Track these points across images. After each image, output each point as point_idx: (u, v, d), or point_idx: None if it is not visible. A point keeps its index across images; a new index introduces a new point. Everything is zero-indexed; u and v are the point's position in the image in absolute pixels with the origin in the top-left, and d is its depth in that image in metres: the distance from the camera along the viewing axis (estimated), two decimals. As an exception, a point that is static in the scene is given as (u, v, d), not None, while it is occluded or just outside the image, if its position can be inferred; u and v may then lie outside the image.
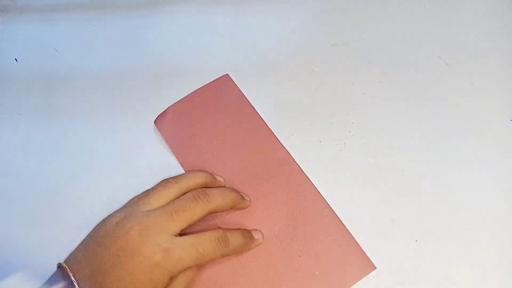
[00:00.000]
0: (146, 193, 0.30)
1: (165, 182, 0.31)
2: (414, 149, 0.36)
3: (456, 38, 0.41)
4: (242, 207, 0.33)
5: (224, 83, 0.39)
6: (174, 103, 0.39)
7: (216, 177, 0.34)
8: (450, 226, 0.33)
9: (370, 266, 0.31)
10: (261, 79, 0.39)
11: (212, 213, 0.30)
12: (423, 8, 0.43)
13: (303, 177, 0.34)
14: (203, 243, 0.28)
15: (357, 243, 0.32)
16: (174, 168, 0.36)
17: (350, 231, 0.33)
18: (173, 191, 0.30)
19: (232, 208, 0.32)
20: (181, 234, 0.29)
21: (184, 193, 0.31)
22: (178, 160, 0.37)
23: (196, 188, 0.31)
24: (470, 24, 0.41)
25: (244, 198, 0.33)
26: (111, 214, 0.31)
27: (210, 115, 0.38)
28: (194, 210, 0.29)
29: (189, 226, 0.29)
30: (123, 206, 0.31)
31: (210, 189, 0.31)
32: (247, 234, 0.32)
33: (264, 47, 0.42)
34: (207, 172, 0.34)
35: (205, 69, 0.41)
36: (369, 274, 0.31)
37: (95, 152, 0.38)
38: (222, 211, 0.32)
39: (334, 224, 0.32)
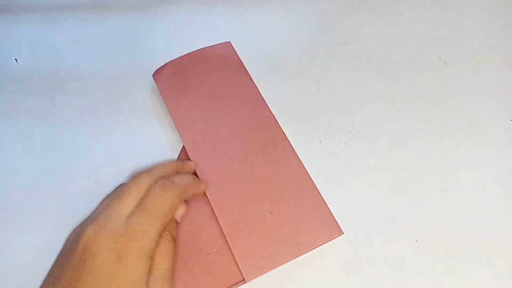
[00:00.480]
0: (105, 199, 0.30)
1: (125, 187, 0.30)
2: (414, 149, 0.36)
3: (456, 38, 0.41)
4: (198, 189, 0.33)
5: (225, 48, 0.41)
6: (174, 59, 0.40)
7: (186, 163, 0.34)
8: (450, 226, 0.33)
9: (337, 231, 0.32)
10: (261, 79, 0.39)
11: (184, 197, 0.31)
12: (423, 8, 0.43)
13: (286, 143, 0.36)
14: (151, 201, 0.27)
15: (328, 208, 0.33)
16: (174, 168, 0.36)
17: (350, 230, 0.33)
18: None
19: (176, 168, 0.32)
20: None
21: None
22: (170, 112, 0.38)
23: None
24: (470, 24, 0.42)
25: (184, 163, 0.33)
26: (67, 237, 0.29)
27: (206, 74, 0.39)
28: (137, 185, 0.28)
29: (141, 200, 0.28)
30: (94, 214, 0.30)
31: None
32: (195, 176, 0.32)
33: (264, 47, 0.42)
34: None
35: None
36: (370, 275, 0.31)
37: (95, 152, 0.38)
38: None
39: (308, 188, 0.34)
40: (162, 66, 0.40)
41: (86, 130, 0.39)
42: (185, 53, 0.41)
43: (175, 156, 0.37)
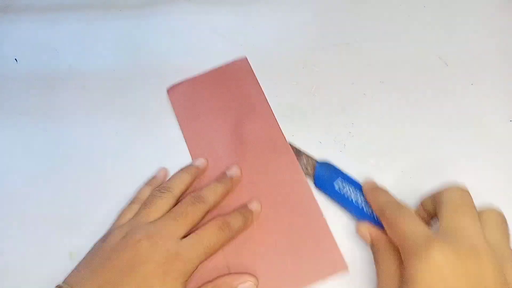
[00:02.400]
0: (144, 206, 0.32)
1: (160, 193, 0.32)
2: (414, 149, 0.36)
3: (456, 38, 0.41)
4: (235, 186, 0.34)
5: (241, 66, 0.40)
6: (191, 78, 0.40)
7: (197, 161, 0.36)
8: (450, 226, 0.33)
9: (342, 266, 0.31)
10: (261, 79, 0.39)
11: (211, 209, 0.32)
12: (423, 8, 0.43)
13: (296, 169, 0.35)
14: (207, 236, 0.30)
15: (334, 240, 0.32)
16: (174, 168, 0.36)
17: (351, 231, 0.33)
18: (170, 201, 0.32)
19: (228, 193, 0.34)
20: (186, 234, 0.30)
21: (178, 198, 0.33)
22: (183, 132, 0.38)
23: (186, 190, 0.34)
24: (470, 24, 0.41)
25: (231, 178, 0.34)
26: (111, 231, 0.31)
27: (222, 95, 0.39)
28: (195, 213, 0.31)
29: (193, 227, 0.31)
30: (118, 223, 0.32)
31: (202, 190, 0.33)
32: (244, 210, 0.33)
33: (264, 47, 0.42)
34: (189, 168, 0.35)
35: (205, 69, 0.41)
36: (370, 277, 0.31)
37: (95, 152, 0.38)
38: (221, 201, 0.33)
39: (315, 219, 0.33)
40: (178, 84, 0.40)
41: (86, 130, 0.39)
42: (184, 53, 0.41)
43: (175, 156, 0.37)
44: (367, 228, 0.30)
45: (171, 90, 0.39)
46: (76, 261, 0.31)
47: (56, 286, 0.28)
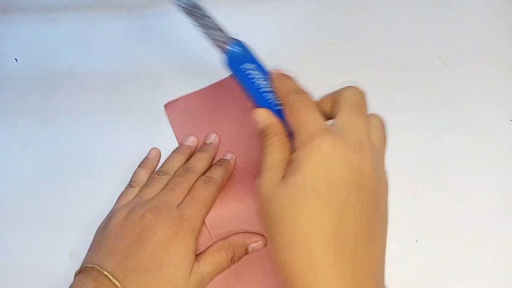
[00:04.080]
0: (146, 187, 0.34)
1: (159, 176, 0.34)
2: (414, 149, 0.36)
3: (456, 38, 0.41)
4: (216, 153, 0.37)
5: None
6: (189, 94, 0.39)
7: (189, 141, 0.37)
8: (450, 226, 0.33)
9: None
10: (261, 79, 0.39)
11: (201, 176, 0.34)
12: (423, 8, 0.43)
13: None
14: (198, 194, 0.32)
15: None
16: (174, 168, 0.36)
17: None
18: (165, 181, 0.34)
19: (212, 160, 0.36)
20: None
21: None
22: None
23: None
24: (470, 24, 0.42)
25: (213, 147, 0.36)
26: (113, 213, 0.32)
27: (220, 111, 0.38)
28: (187, 181, 0.33)
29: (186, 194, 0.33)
30: (118, 205, 0.33)
31: (190, 162, 0.35)
32: (220, 162, 0.36)
33: (264, 47, 0.42)
34: (182, 149, 0.36)
35: (205, 69, 0.41)
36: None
37: (95, 152, 0.38)
38: (209, 167, 0.35)
39: None
40: (175, 100, 0.39)
41: (86, 130, 0.39)
42: (184, 53, 0.41)
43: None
44: (265, 113, 0.30)
45: (168, 106, 0.39)
46: (76, 261, 0.32)
47: (84, 267, 0.29)
